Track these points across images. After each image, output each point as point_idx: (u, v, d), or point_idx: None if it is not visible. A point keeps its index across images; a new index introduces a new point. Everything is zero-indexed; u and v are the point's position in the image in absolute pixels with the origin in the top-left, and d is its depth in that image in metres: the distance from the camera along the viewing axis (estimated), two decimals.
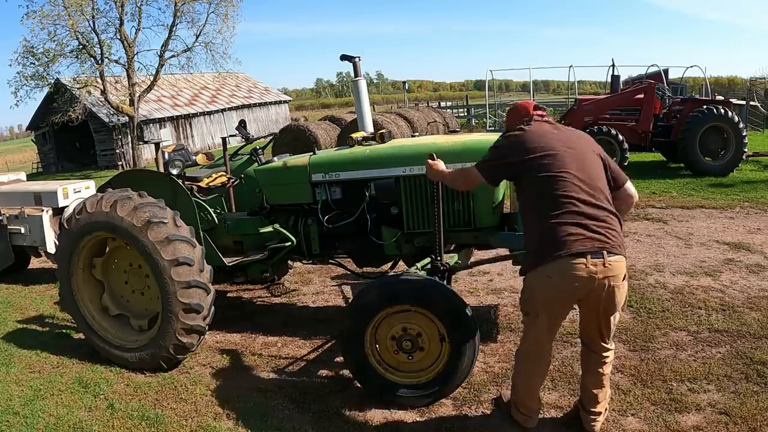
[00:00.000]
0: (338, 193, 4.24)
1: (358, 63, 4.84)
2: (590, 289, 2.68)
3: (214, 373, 4.09)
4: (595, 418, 3.03)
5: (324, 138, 17.79)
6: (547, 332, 2.88)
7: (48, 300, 6.04)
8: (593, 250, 2.64)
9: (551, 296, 2.76)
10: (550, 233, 2.70)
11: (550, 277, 2.70)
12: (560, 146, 2.83)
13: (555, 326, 2.92)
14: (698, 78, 26.50)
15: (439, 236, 3.42)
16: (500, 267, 5.98)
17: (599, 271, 2.64)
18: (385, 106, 44.33)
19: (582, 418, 3.07)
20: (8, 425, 3.57)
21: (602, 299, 2.73)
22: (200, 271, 3.90)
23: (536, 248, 2.78)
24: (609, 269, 2.66)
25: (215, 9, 22.51)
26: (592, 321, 2.90)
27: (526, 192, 2.90)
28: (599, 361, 2.98)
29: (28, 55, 20.42)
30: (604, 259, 2.64)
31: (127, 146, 24.06)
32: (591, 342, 2.99)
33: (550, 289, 2.73)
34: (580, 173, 2.77)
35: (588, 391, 3.03)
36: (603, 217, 2.72)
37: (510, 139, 3.00)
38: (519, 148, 2.88)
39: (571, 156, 2.81)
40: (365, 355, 3.39)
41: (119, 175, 4.66)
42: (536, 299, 2.82)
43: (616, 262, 2.68)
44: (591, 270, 2.63)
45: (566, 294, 2.74)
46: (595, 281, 2.65)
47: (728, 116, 10.70)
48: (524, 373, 3.03)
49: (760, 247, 6.15)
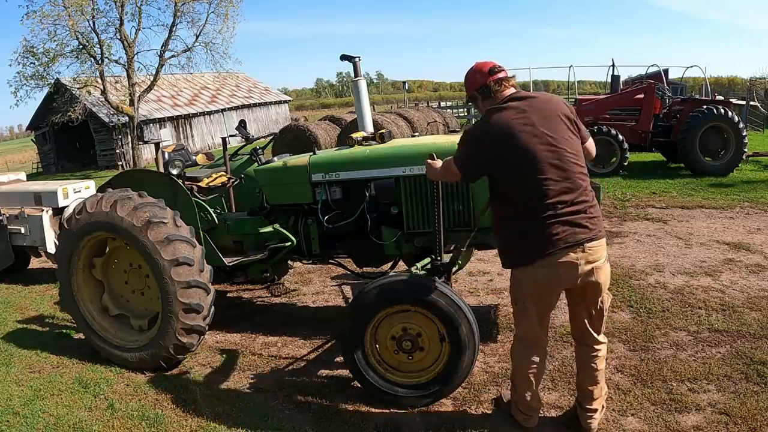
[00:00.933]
0: (338, 193, 4.24)
1: (358, 63, 4.84)
2: (574, 277, 2.74)
3: (214, 373, 4.09)
4: (592, 415, 3.03)
5: (324, 138, 17.79)
6: (538, 322, 2.91)
7: (48, 300, 6.04)
8: (578, 243, 2.68)
9: (539, 290, 2.81)
10: (534, 233, 2.70)
11: (537, 274, 2.75)
12: (532, 139, 2.66)
13: (545, 316, 2.95)
14: (698, 78, 26.53)
15: (439, 236, 3.42)
16: (500, 267, 5.95)
17: (580, 257, 2.70)
18: (385, 106, 44.31)
19: (579, 416, 3.08)
20: (8, 425, 3.57)
21: (587, 283, 2.79)
22: (200, 271, 3.91)
23: (520, 247, 2.78)
24: (590, 254, 2.72)
25: (215, 9, 22.55)
26: (581, 309, 2.94)
27: (501, 190, 2.82)
28: (592, 356, 2.99)
29: (28, 55, 20.43)
30: (584, 246, 2.70)
31: (127, 146, 24.07)
32: (582, 335, 3.00)
33: (538, 284, 2.78)
34: (557, 161, 2.67)
35: (583, 389, 3.05)
36: (583, 207, 2.72)
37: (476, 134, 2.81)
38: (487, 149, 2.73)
39: (544, 146, 2.66)
40: (365, 355, 3.39)
41: (119, 175, 4.66)
42: (523, 293, 2.86)
43: (597, 246, 2.74)
44: (574, 261, 2.70)
45: (553, 286, 2.81)
46: (579, 268, 2.72)
47: (728, 116, 10.70)
48: (521, 366, 3.01)
49: (760, 247, 6.15)
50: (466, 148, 2.87)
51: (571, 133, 2.78)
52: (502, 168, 2.75)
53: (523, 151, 2.67)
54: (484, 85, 2.85)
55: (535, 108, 2.76)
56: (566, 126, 2.78)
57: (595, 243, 2.72)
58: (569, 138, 2.76)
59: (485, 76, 2.85)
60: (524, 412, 3.08)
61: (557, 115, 2.77)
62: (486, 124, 2.78)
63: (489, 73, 2.84)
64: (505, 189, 2.79)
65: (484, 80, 2.85)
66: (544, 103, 2.81)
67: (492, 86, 2.84)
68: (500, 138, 2.71)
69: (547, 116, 2.75)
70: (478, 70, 2.89)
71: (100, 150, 25.35)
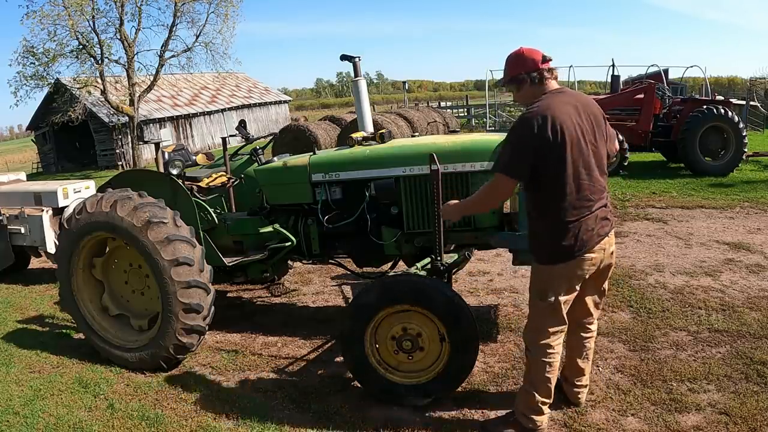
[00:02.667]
0: (338, 193, 4.23)
1: (358, 63, 4.84)
2: (599, 263, 2.92)
3: (214, 373, 4.09)
4: (581, 390, 3.28)
5: (324, 138, 17.79)
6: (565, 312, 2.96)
7: (48, 300, 6.04)
8: (606, 235, 2.87)
9: (572, 283, 2.91)
10: (572, 229, 2.77)
11: (572, 268, 2.83)
12: (581, 136, 2.69)
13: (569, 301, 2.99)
14: (698, 78, 26.51)
15: (439, 236, 3.42)
16: (500, 267, 5.98)
17: (606, 245, 2.90)
18: (385, 106, 44.31)
19: (567, 392, 3.28)
20: (8, 425, 3.57)
21: (605, 266, 2.99)
22: (200, 271, 3.91)
23: (557, 243, 2.80)
24: (610, 241, 2.93)
25: (215, 9, 22.57)
26: (593, 290, 3.10)
27: (539, 185, 2.78)
28: (587, 336, 3.20)
29: (28, 55, 20.44)
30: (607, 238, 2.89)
31: (127, 146, 24.07)
32: (585, 316, 3.15)
33: (572, 278, 2.87)
34: (595, 159, 2.78)
35: (575, 366, 3.23)
36: (605, 202, 2.88)
37: (526, 122, 2.68)
38: (538, 135, 2.63)
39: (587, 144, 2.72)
40: (365, 355, 3.39)
41: (119, 175, 4.66)
42: (556, 288, 2.89)
43: (612, 235, 2.95)
44: (602, 250, 2.87)
45: (584, 275, 2.91)
46: (604, 254, 2.91)
47: (728, 116, 10.70)
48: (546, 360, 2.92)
49: (760, 247, 6.15)
50: (513, 148, 2.74)
51: (603, 134, 2.89)
52: (549, 161, 2.68)
53: (573, 146, 2.68)
54: (536, 69, 2.77)
55: (582, 105, 2.80)
56: (603, 127, 2.90)
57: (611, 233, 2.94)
58: (603, 139, 2.88)
59: (537, 62, 2.77)
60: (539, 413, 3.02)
61: (598, 115, 2.87)
62: (541, 112, 2.66)
63: (542, 60, 2.79)
64: (546, 182, 2.75)
65: (536, 66, 2.77)
66: (588, 101, 2.88)
67: (545, 73, 2.79)
68: (554, 129, 2.63)
69: (591, 114, 2.82)
70: (530, 55, 2.80)
71: (100, 150, 25.35)
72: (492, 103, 24.56)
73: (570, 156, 2.68)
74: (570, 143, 2.66)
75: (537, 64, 2.78)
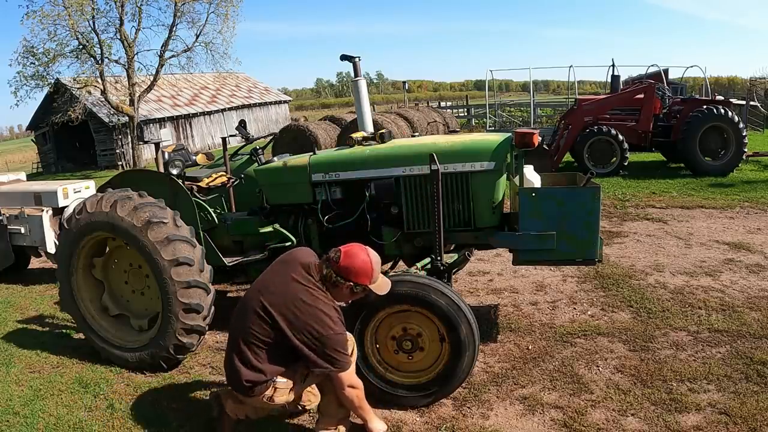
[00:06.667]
0: (338, 193, 4.23)
1: (358, 63, 4.84)
2: None
3: (214, 373, 4.09)
4: None
5: (324, 138, 17.79)
6: None
7: (48, 300, 6.04)
8: None
9: None
10: None
11: None
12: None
13: None
14: (698, 78, 26.51)
15: (439, 236, 3.42)
16: (500, 267, 5.98)
17: None
18: (385, 106, 44.26)
19: None
20: (8, 425, 3.57)
21: None
22: (200, 271, 3.90)
23: None
24: None
25: (215, 9, 22.60)
26: None
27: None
28: None
29: (28, 55, 20.48)
30: None
31: (127, 146, 24.09)
32: None
33: None
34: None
35: None
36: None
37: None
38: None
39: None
40: (365, 355, 3.39)
41: (119, 175, 4.66)
42: None
43: None
44: None
45: None
46: None
47: (728, 116, 10.71)
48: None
49: (760, 247, 6.15)
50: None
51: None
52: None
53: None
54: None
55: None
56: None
57: None
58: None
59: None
60: None
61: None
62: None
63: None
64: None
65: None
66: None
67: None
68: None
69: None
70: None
71: (100, 150, 25.36)
72: (492, 103, 24.56)
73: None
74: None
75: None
